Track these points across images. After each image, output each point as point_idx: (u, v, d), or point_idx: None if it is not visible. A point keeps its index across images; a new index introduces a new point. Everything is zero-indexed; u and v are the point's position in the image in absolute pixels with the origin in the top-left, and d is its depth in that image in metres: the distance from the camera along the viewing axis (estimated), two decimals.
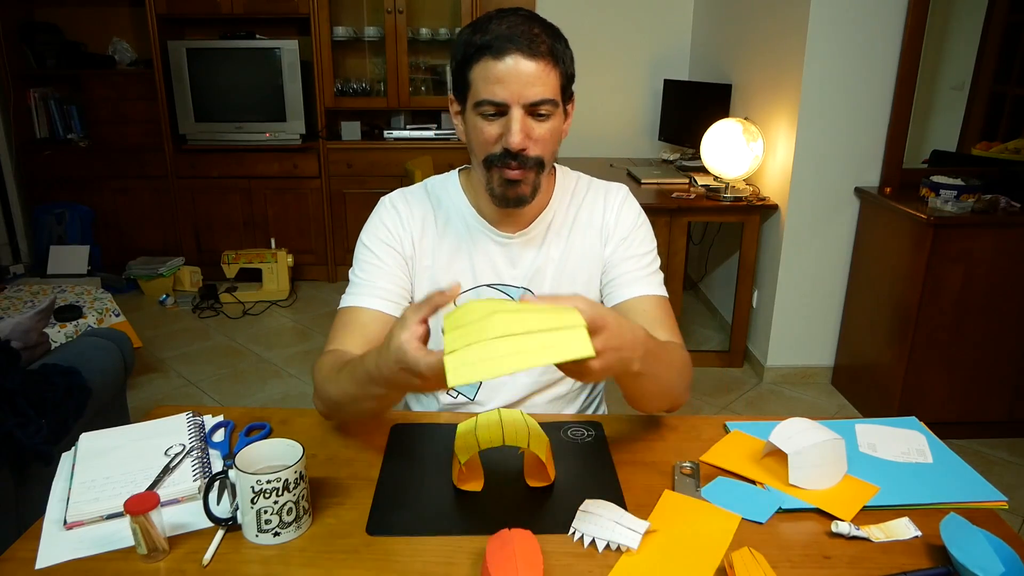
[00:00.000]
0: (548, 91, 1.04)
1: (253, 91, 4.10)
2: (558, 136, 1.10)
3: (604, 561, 0.84)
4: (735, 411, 2.90)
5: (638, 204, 1.25)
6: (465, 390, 1.23)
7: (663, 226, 3.08)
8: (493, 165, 1.08)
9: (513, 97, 1.02)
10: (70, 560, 0.84)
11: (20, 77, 4.05)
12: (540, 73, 1.02)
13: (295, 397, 2.98)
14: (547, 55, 1.03)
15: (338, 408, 1.06)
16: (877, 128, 2.78)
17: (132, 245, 4.24)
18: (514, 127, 1.03)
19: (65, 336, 2.67)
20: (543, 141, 1.07)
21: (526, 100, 1.03)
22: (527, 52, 1.01)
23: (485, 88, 1.03)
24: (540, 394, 1.23)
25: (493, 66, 1.02)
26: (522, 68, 1.01)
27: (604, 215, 1.22)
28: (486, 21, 1.04)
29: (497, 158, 1.07)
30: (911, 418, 1.17)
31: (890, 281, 2.64)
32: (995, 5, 2.81)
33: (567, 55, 1.08)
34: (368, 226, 1.20)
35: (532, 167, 1.08)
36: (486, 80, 1.03)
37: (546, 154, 1.09)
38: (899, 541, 0.88)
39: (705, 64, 4.05)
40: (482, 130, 1.06)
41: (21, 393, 1.64)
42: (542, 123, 1.06)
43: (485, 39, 1.02)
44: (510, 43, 1.01)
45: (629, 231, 1.21)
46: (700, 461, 1.04)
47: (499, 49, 1.01)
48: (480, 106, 1.05)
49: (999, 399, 2.61)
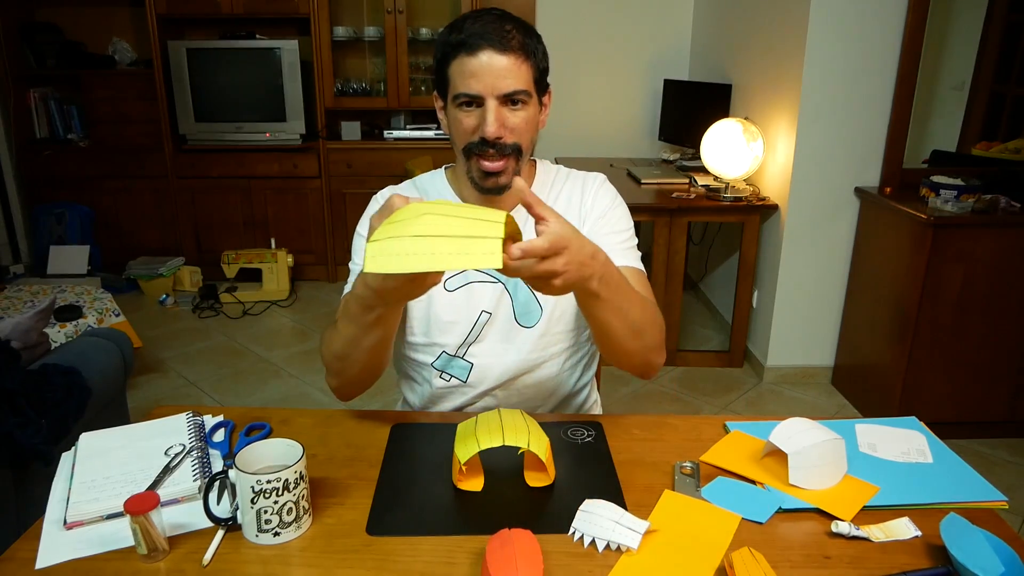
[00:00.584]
0: (520, 83, 1.10)
1: (253, 91, 4.10)
2: (534, 125, 1.17)
3: (604, 561, 0.84)
4: (735, 411, 2.90)
5: (614, 189, 1.31)
6: (457, 373, 1.26)
7: (663, 226, 3.08)
8: (472, 154, 1.14)
9: (487, 89, 1.09)
10: (70, 560, 0.84)
11: (20, 77, 4.05)
12: (512, 66, 1.09)
13: (295, 397, 2.98)
14: (518, 49, 1.10)
15: (343, 372, 1.12)
16: (877, 128, 2.78)
17: (132, 245, 4.24)
18: (489, 117, 1.10)
19: (65, 336, 2.67)
20: (518, 130, 1.13)
21: (499, 92, 1.09)
22: (499, 47, 1.08)
23: (461, 82, 1.10)
24: (530, 374, 1.26)
25: (468, 62, 1.09)
26: (495, 62, 1.08)
27: (582, 200, 1.27)
28: (461, 21, 1.12)
29: (475, 146, 1.13)
30: (911, 418, 1.17)
31: (890, 281, 2.64)
32: (995, 5, 2.81)
33: (540, 50, 1.15)
34: (363, 219, 1.25)
35: (510, 153, 1.14)
36: (462, 75, 1.10)
37: (523, 141, 1.15)
38: (899, 541, 0.88)
39: (705, 64, 4.05)
40: (460, 121, 1.13)
41: (21, 393, 1.64)
42: (516, 112, 1.12)
43: (460, 37, 1.09)
44: (483, 40, 1.08)
45: (605, 211, 1.26)
46: (700, 461, 1.04)
47: (472, 46, 1.08)
48: (458, 99, 1.12)
49: (999, 399, 2.61)
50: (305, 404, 2.91)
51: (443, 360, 1.26)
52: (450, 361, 1.26)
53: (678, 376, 3.19)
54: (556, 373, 1.28)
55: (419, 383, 1.31)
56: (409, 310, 1.25)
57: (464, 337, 1.24)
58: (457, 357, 1.25)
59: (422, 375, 1.30)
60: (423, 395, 1.31)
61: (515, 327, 1.23)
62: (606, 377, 3.15)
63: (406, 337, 1.27)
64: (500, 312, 1.23)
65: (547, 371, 1.27)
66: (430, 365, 1.27)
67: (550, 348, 1.25)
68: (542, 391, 1.28)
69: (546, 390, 1.29)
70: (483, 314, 1.23)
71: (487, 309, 1.23)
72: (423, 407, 1.32)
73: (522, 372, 1.25)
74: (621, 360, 1.13)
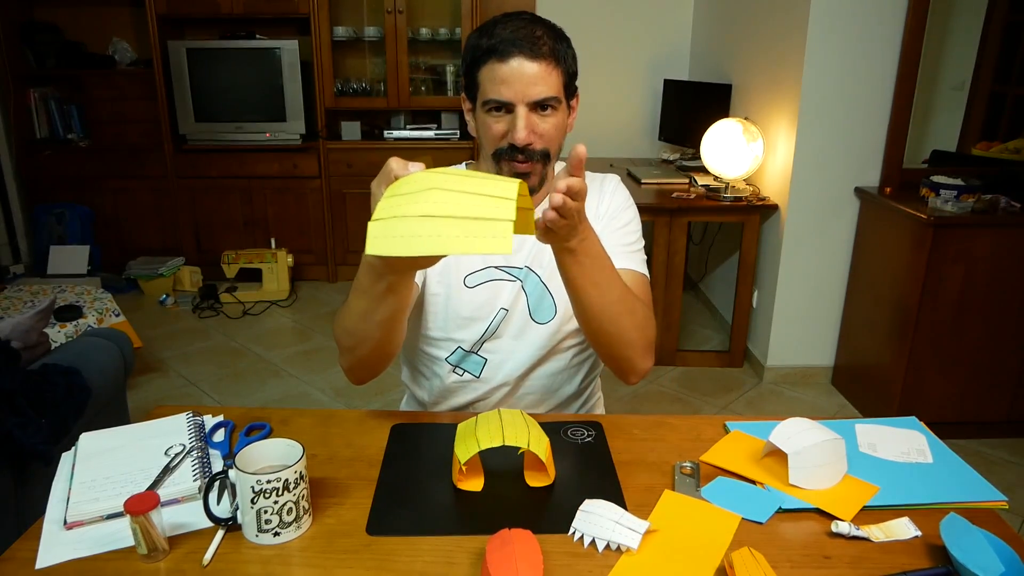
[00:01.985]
0: (551, 89, 1.10)
1: (253, 91, 4.10)
2: (563, 130, 1.16)
3: (604, 561, 0.84)
4: (735, 411, 2.90)
5: (628, 192, 1.32)
6: (470, 367, 1.26)
7: (663, 226, 3.08)
8: (502, 158, 1.14)
9: (518, 96, 1.09)
10: (70, 560, 0.84)
11: (20, 77, 4.05)
12: (543, 73, 1.09)
13: (295, 397, 2.98)
14: (549, 56, 1.09)
15: (355, 348, 1.09)
16: (877, 128, 2.78)
17: (132, 245, 4.24)
18: (519, 124, 1.09)
19: (65, 336, 2.67)
20: (547, 136, 1.13)
21: (530, 99, 1.09)
22: (530, 54, 1.08)
23: (492, 88, 1.10)
24: (539, 369, 1.27)
25: (498, 68, 1.08)
26: (526, 69, 1.08)
27: (599, 199, 1.28)
28: (492, 25, 1.11)
29: (505, 152, 1.13)
30: (911, 418, 1.17)
31: (890, 281, 2.64)
32: (995, 5, 2.81)
33: (569, 54, 1.14)
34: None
35: (539, 159, 1.14)
36: (492, 81, 1.09)
37: (551, 147, 1.15)
38: (899, 541, 0.88)
39: (705, 64, 4.05)
40: (490, 127, 1.13)
41: (21, 393, 1.64)
42: (546, 119, 1.12)
43: (491, 43, 1.09)
44: (514, 46, 1.07)
45: (617, 211, 1.27)
46: (700, 461, 1.04)
47: (504, 52, 1.08)
48: (487, 105, 1.12)
49: (999, 399, 2.61)
50: (305, 404, 2.91)
51: (458, 355, 1.26)
52: (465, 356, 1.26)
53: (678, 376, 3.19)
54: (564, 368, 1.29)
55: (428, 378, 1.32)
56: (427, 305, 1.25)
57: (482, 334, 1.24)
58: (472, 353, 1.26)
59: (433, 370, 1.29)
60: (432, 390, 1.31)
61: (529, 323, 1.24)
62: (606, 377, 3.15)
63: (422, 331, 1.27)
64: (516, 308, 1.24)
65: (556, 366, 1.28)
66: (444, 360, 1.27)
67: (561, 344, 1.26)
68: (550, 387, 1.30)
69: (554, 386, 1.30)
70: (501, 311, 1.23)
71: (505, 306, 1.23)
72: (432, 402, 1.32)
73: (533, 367, 1.26)
74: (603, 350, 1.13)
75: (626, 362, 1.13)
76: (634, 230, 1.27)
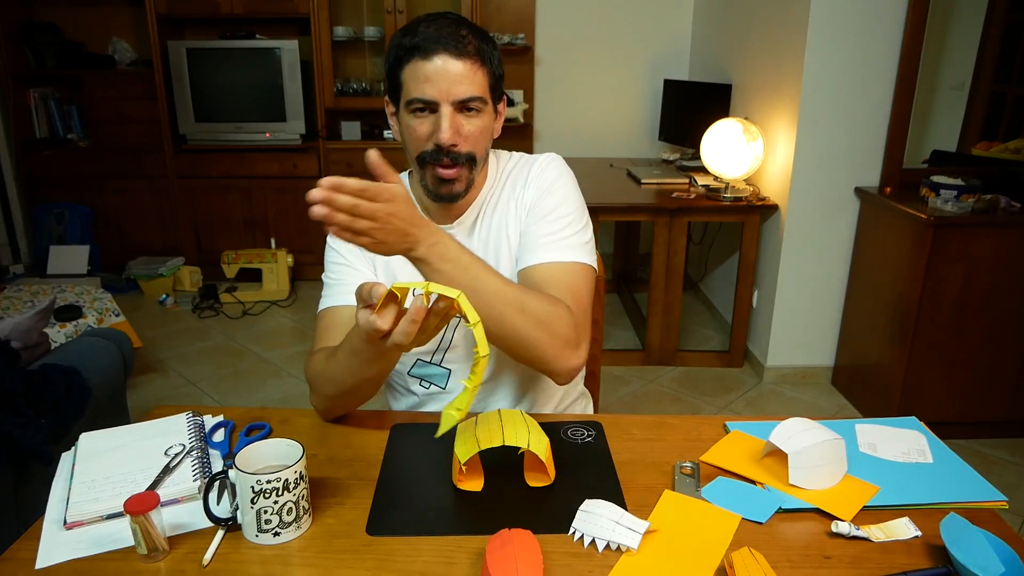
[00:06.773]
0: (476, 89, 1.08)
1: (253, 91, 4.09)
2: (489, 133, 1.14)
3: (604, 561, 0.84)
4: (735, 411, 2.90)
5: (561, 167, 1.23)
6: (436, 380, 1.26)
7: (663, 226, 3.08)
8: (426, 162, 1.11)
9: (442, 95, 1.06)
10: (70, 560, 0.84)
11: (20, 77, 4.05)
12: (468, 72, 1.07)
13: (295, 397, 2.98)
14: (474, 55, 1.08)
15: (336, 397, 1.09)
16: (877, 128, 2.78)
17: (132, 245, 4.24)
18: (444, 124, 1.07)
19: (65, 336, 2.67)
20: (473, 138, 1.10)
21: (455, 98, 1.07)
22: (454, 52, 1.06)
23: (415, 87, 1.07)
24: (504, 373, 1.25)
25: (422, 66, 1.06)
26: (450, 67, 1.06)
27: (526, 184, 1.21)
28: (416, 24, 1.09)
29: (429, 155, 1.10)
30: (911, 418, 1.17)
31: (890, 281, 2.64)
32: (995, 5, 2.81)
33: (495, 55, 1.12)
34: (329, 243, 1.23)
35: (464, 163, 1.11)
36: (416, 80, 1.07)
37: (477, 150, 1.12)
38: (899, 541, 0.88)
39: (705, 64, 4.05)
40: (414, 128, 1.10)
41: (21, 393, 1.64)
42: (471, 120, 1.10)
43: (414, 41, 1.06)
44: (438, 44, 1.05)
45: (540, 197, 1.19)
46: (700, 461, 1.04)
47: (428, 50, 1.06)
48: (411, 105, 1.09)
49: (999, 399, 2.61)
50: (305, 404, 2.89)
51: (420, 367, 1.25)
52: (427, 368, 1.25)
53: (678, 376, 3.19)
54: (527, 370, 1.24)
55: (401, 393, 1.32)
56: None
57: (437, 344, 1.23)
58: (433, 364, 1.25)
59: (402, 384, 1.30)
60: (408, 405, 1.31)
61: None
62: (606, 377, 3.16)
63: None
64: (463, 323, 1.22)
65: (519, 370, 1.24)
66: (407, 373, 1.26)
67: None
68: (518, 394, 1.27)
69: (521, 391, 1.27)
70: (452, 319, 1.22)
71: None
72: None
73: (494, 374, 1.24)
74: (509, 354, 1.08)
75: (538, 362, 1.07)
76: (562, 215, 1.17)
